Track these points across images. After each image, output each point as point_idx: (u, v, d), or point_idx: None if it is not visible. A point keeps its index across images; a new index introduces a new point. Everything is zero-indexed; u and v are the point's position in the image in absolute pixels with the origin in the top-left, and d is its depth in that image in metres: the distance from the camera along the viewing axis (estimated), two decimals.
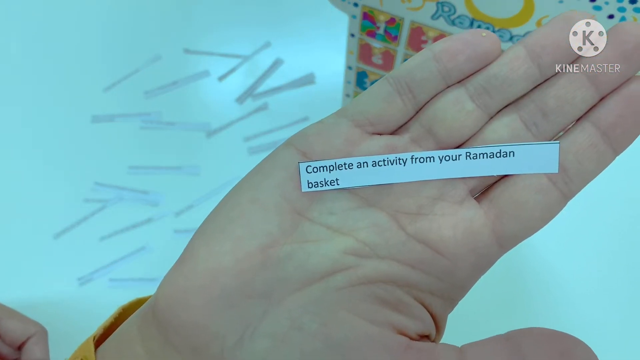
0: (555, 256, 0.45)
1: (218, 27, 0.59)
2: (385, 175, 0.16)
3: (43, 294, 0.41)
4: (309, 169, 0.16)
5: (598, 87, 0.16)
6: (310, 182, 0.16)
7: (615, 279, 0.44)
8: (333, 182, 0.16)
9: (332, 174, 0.16)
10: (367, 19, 0.31)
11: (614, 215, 0.47)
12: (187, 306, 0.15)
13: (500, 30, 0.28)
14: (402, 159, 0.16)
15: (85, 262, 0.43)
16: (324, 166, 0.16)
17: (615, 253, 0.45)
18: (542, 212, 0.17)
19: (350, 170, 0.16)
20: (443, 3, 0.28)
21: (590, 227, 0.46)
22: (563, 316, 0.42)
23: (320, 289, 0.15)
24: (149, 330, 0.16)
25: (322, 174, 0.16)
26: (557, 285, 0.43)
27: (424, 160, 0.16)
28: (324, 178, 0.16)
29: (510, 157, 0.16)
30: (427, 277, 0.16)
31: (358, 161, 0.16)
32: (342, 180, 0.16)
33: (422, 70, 0.17)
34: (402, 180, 0.16)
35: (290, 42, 0.57)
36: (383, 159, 0.16)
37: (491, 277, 0.45)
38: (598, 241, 0.46)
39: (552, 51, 0.16)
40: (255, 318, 0.15)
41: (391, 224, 0.16)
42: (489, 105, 0.17)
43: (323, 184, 0.16)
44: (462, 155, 0.16)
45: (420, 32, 0.30)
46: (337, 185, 0.16)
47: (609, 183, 0.49)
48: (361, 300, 0.15)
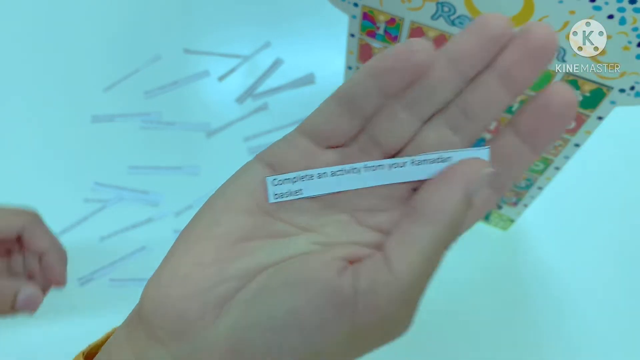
0: (555, 256, 0.45)
1: (218, 27, 0.59)
2: (343, 183, 0.19)
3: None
4: (274, 181, 0.18)
5: (510, 88, 0.17)
6: (277, 194, 0.18)
7: (615, 279, 0.44)
8: (297, 192, 0.19)
9: (296, 185, 0.19)
10: (367, 19, 0.31)
11: (615, 217, 0.47)
12: (169, 298, 0.17)
13: None
14: (356, 168, 0.19)
15: (86, 262, 0.43)
16: (288, 179, 0.18)
17: (616, 254, 0.45)
18: (480, 206, 0.19)
19: (312, 180, 0.19)
20: (443, 3, 0.28)
21: (591, 228, 0.47)
22: (563, 317, 0.42)
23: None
24: (136, 333, 0.17)
25: (287, 186, 0.19)
26: (557, 286, 0.44)
27: (375, 168, 0.19)
28: (289, 189, 0.19)
29: (448, 162, 0.18)
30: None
31: (318, 172, 0.19)
32: (305, 190, 0.19)
33: (361, 87, 0.18)
34: (358, 187, 0.19)
35: (290, 42, 0.57)
36: (340, 169, 0.18)
37: (492, 277, 0.45)
38: (598, 242, 0.46)
39: (469, 57, 0.17)
40: (230, 295, 0.17)
41: (351, 219, 0.18)
42: (421, 113, 0.18)
43: (288, 194, 0.19)
44: (407, 162, 0.18)
45: (420, 33, 0.30)
46: (301, 194, 0.19)
47: (609, 185, 0.49)
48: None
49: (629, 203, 0.48)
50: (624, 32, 0.25)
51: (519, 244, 0.45)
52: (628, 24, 0.25)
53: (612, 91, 0.28)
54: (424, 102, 0.18)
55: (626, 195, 0.48)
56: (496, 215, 0.44)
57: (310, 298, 0.16)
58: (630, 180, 0.49)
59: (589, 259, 0.45)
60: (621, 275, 0.44)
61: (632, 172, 0.50)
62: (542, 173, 0.37)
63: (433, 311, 0.42)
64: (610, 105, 0.29)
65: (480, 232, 0.46)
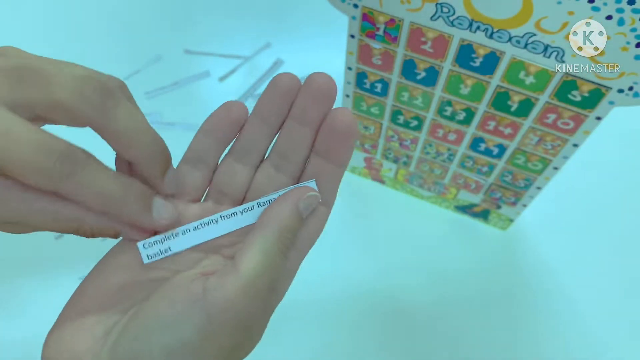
0: (553, 255, 0.45)
1: (219, 28, 0.59)
2: (205, 234, 0.22)
3: (45, 292, 0.41)
4: (145, 245, 0.21)
5: (309, 127, 0.22)
6: (149, 255, 0.21)
7: (614, 278, 0.44)
8: (167, 250, 0.21)
9: (165, 244, 0.21)
10: (367, 20, 0.31)
11: (613, 217, 0.47)
12: (68, 345, 0.20)
13: (499, 31, 0.28)
14: (214, 219, 0.22)
15: (87, 262, 0.43)
16: (156, 240, 0.21)
17: (614, 253, 0.45)
18: (317, 224, 0.23)
19: (178, 238, 0.21)
20: (442, 4, 0.28)
21: (589, 228, 0.47)
22: (562, 316, 0.42)
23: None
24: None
25: (157, 247, 0.21)
26: (556, 285, 0.44)
27: (230, 216, 0.22)
28: (159, 249, 0.21)
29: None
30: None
31: (182, 230, 0.22)
32: (173, 247, 0.21)
33: (201, 145, 0.23)
34: (219, 235, 0.22)
35: (290, 43, 0.58)
36: (200, 223, 0.22)
37: (491, 277, 0.45)
38: (597, 242, 0.46)
39: (272, 112, 0.22)
40: (110, 328, 0.20)
41: (217, 256, 0.22)
42: (251, 162, 0.23)
43: (159, 253, 0.21)
44: (255, 206, 0.22)
45: (420, 33, 0.30)
46: (170, 252, 0.21)
47: (607, 185, 0.49)
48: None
49: (628, 203, 0.48)
50: (622, 32, 0.25)
51: (518, 243, 0.45)
52: (627, 24, 0.25)
53: (611, 91, 0.28)
54: (250, 153, 0.23)
55: (625, 195, 0.48)
56: (495, 215, 0.45)
57: (168, 300, 0.19)
58: (629, 180, 0.49)
59: (587, 259, 0.45)
60: (619, 274, 0.44)
61: (630, 172, 0.50)
62: (540, 173, 0.37)
63: (433, 309, 0.42)
64: (609, 106, 0.29)
65: (480, 231, 0.46)
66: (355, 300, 0.42)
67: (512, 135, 0.35)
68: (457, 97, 0.34)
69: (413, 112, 0.37)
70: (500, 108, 0.33)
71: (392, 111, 0.38)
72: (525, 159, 0.36)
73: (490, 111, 0.34)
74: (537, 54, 0.28)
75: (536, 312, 0.42)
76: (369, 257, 0.44)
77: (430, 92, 0.34)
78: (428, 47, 0.31)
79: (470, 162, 0.40)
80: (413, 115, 0.37)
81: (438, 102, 0.35)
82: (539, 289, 0.43)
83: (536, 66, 0.29)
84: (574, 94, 0.30)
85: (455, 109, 0.35)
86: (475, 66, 0.31)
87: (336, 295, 0.42)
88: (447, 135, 0.38)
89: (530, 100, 0.31)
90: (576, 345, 0.41)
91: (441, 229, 0.46)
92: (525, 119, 0.33)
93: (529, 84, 0.30)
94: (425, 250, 0.45)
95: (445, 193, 0.45)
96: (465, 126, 0.36)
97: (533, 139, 0.34)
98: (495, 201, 0.43)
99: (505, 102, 0.32)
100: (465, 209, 0.46)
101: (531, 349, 0.40)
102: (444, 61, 0.32)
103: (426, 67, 0.33)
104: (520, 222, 0.45)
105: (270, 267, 0.20)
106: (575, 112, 0.31)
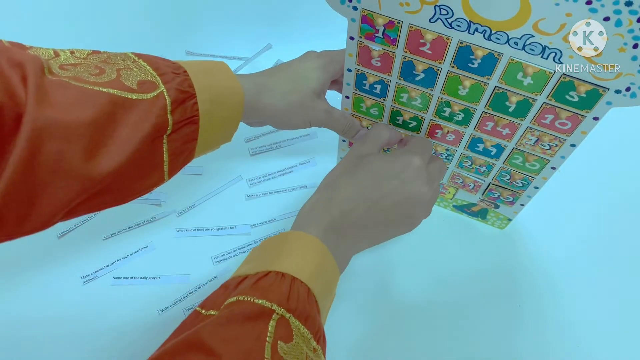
0: (551, 254, 0.45)
1: (220, 29, 0.59)
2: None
3: (48, 293, 0.42)
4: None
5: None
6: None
7: (611, 276, 0.44)
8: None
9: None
10: (366, 22, 0.31)
11: (611, 216, 0.47)
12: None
13: (497, 32, 0.28)
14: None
15: (89, 261, 0.44)
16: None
17: (612, 252, 0.45)
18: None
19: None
20: (441, 6, 0.28)
21: (587, 227, 0.47)
22: (560, 314, 0.42)
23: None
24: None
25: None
26: (554, 283, 0.44)
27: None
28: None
29: None
30: None
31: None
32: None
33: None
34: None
35: (291, 44, 0.58)
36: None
37: (489, 275, 0.45)
38: (595, 241, 0.46)
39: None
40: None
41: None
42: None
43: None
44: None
45: (419, 35, 0.31)
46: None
47: (605, 185, 0.49)
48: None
49: (625, 202, 0.48)
50: (620, 34, 0.25)
51: (516, 242, 0.46)
52: (624, 25, 0.25)
53: (608, 92, 0.29)
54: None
55: (622, 194, 0.49)
56: (493, 215, 0.45)
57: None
58: (626, 180, 0.49)
59: (584, 257, 0.45)
60: (616, 272, 0.44)
61: (628, 171, 0.50)
62: (538, 173, 0.37)
63: (433, 307, 0.42)
64: (606, 106, 0.30)
65: (478, 230, 0.46)
66: (353, 297, 0.42)
67: (510, 136, 0.35)
68: (456, 98, 0.34)
69: (412, 113, 0.37)
70: (498, 109, 0.33)
71: (391, 112, 0.38)
72: (523, 159, 0.37)
73: (489, 112, 0.34)
74: (535, 55, 0.28)
75: (534, 309, 0.42)
76: (368, 256, 0.44)
77: (429, 93, 0.35)
78: (427, 49, 0.31)
79: (468, 162, 0.40)
80: (412, 116, 0.38)
81: (437, 103, 0.35)
82: (536, 287, 0.43)
83: (534, 67, 0.29)
84: (572, 95, 0.30)
85: (453, 109, 0.35)
86: (473, 67, 0.31)
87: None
88: (445, 136, 0.38)
89: (528, 101, 0.32)
90: (573, 342, 0.41)
91: (440, 228, 0.46)
92: (523, 120, 0.33)
93: (527, 85, 0.31)
94: (424, 248, 0.45)
95: (444, 192, 0.45)
96: (464, 127, 0.36)
97: (531, 139, 0.35)
98: (493, 201, 0.43)
99: (504, 103, 0.33)
100: (464, 209, 0.46)
101: (528, 346, 0.41)
102: (443, 63, 0.32)
103: (425, 68, 0.33)
104: (518, 221, 0.45)
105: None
106: (572, 112, 0.31)
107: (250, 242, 0.45)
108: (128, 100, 0.28)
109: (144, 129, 0.28)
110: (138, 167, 0.29)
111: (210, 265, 0.43)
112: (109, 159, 0.27)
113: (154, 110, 0.29)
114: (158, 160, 0.30)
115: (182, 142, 0.31)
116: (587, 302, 0.43)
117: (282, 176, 0.49)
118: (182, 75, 0.32)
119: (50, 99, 0.25)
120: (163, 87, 0.30)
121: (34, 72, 0.25)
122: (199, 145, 0.33)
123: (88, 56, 0.30)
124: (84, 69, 0.28)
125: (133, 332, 0.40)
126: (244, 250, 0.44)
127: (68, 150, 0.25)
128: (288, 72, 0.38)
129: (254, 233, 0.45)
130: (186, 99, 0.31)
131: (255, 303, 0.25)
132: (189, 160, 0.33)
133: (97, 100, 0.27)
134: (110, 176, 0.27)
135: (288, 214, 0.46)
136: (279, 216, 0.46)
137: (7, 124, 0.23)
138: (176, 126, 0.30)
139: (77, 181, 0.26)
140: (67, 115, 0.25)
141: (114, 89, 0.28)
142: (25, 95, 0.24)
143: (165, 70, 0.31)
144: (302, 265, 0.28)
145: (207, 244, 0.44)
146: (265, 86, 0.37)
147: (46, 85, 0.25)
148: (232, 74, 0.34)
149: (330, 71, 0.39)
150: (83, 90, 0.27)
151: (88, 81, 0.27)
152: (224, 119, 0.34)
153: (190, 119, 0.31)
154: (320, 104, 0.39)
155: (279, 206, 0.47)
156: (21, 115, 0.24)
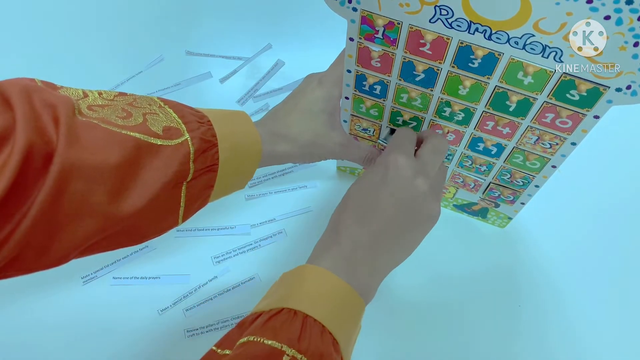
0: (552, 253, 0.45)
1: (220, 29, 0.60)
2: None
3: (47, 293, 0.42)
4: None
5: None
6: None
7: (611, 275, 0.44)
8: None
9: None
10: (366, 23, 0.31)
11: (611, 215, 0.47)
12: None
13: (498, 32, 0.28)
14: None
15: (89, 261, 0.43)
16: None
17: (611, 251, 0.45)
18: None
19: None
20: (441, 6, 0.28)
21: (587, 225, 0.47)
22: (560, 313, 0.42)
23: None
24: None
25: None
26: (554, 282, 0.44)
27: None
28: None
29: None
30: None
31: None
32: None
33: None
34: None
35: (291, 44, 0.58)
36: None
37: (490, 274, 0.45)
38: (595, 239, 0.46)
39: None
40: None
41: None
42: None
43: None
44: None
45: (419, 36, 0.30)
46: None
47: (605, 183, 0.49)
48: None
49: (625, 201, 0.48)
50: (620, 32, 0.25)
51: (517, 241, 0.46)
52: (625, 24, 0.25)
53: (609, 90, 0.29)
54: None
55: (622, 193, 0.49)
56: (494, 213, 0.45)
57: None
58: (627, 178, 0.49)
59: (585, 256, 0.45)
60: (617, 271, 0.44)
61: (628, 170, 0.50)
62: (539, 171, 0.37)
63: (432, 306, 0.42)
64: (607, 104, 0.30)
65: (478, 229, 0.46)
66: None
67: (511, 135, 0.35)
68: (456, 98, 0.34)
69: (412, 113, 0.37)
70: (498, 108, 0.33)
71: (391, 112, 0.38)
72: (524, 157, 0.37)
73: (489, 111, 0.34)
74: (535, 54, 0.28)
75: (534, 309, 0.42)
76: None
77: (429, 94, 0.35)
78: (427, 49, 0.31)
79: (468, 162, 0.40)
80: (412, 116, 0.38)
81: (437, 103, 0.35)
82: (536, 286, 0.43)
83: (534, 66, 0.29)
84: (572, 94, 0.30)
85: (454, 109, 0.35)
86: (473, 67, 0.31)
87: None
88: (446, 136, 0.38)
89: (529, 100, 0.32)
90: (573, 341, 0.41)
91: (440, 227, 0.46)
92: (523, 119, 0.33)
93: (528, 84, 0.31)
94: (424, 248, 0.45)
95: (444, 192, 0.45)
96: (464, 126, 0.36)
97: (531, 138, 0.35)
98: (493, 200, 0.43)
99: (504, 102, 0.33)
100: (464, 208, 0.46)
101: (528, 346, 0.41)
102: (443, 63, 0.32)
103: (425, 68, 0.33)
104: (519, 220, 0.45)
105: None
106: (573, 111, 0.31)
107: (250, 242, 0.45)
108: (154, 145, 0.29)
109: (167, 175, 0.29)
110: (156, 210, 0.29)
111: (210, 265, 0.43)
112: (131, 201, 0.27)
113: (178, 157, 0.29)
114: (175, 205, 0.31)
115: (200, 188, 0.32)
116: (587, 301, 0.43)
117: (282, 176, 0.49)
118: (206, 124, 0.32)
119: (80, 140, 0.25)
120: (188, 135, 0.30)
121: (65, 113, 0.25)
122: (214, 192, 0.33)
123: (115, 98, 0.31)
124: (111, 111, 0.29)
125: (133, 332, 0.40)
126: (243, 250, 0.44)
127: (93, 191, 0.26)
128: (296, 111, 0.38)
129: (254, 233, 0.45)
130: (208, 148, 0.31)
131: (265, 344, 0.25)
132: (202, 206, 0.34)
133: (124, 143, 0.27)
134: (130, 218, 0.28)
135: (288, 214, 0.46)
136: (279, 216, 0.46)
137: (37, 162, 0.24)
138: (196, 173, 0.31)
139: (97, 221, 0.26)
140: (95, 157, 0.26)
141: (140, 133, 0.28)
142: (57, 135, 0.24)
143: (190, 118, 0.32)
144: (315, 300, 0.28)
145: (207, 244, 0.44)
146: (280, 134, 0.37)
147: (77, 126, 0.26)
148: (252, 123, 0.35)
149: (336, 95, 0.38)
150: (111, 133, 0.27)
151: (116, 124, 0.28)
152: (241, 167, 0.34)
153: (210, 167, 0.32)
154: (334, 136, 0.39)
155: (279, 206, 0.47)
156: (50, 155, 0.24)
